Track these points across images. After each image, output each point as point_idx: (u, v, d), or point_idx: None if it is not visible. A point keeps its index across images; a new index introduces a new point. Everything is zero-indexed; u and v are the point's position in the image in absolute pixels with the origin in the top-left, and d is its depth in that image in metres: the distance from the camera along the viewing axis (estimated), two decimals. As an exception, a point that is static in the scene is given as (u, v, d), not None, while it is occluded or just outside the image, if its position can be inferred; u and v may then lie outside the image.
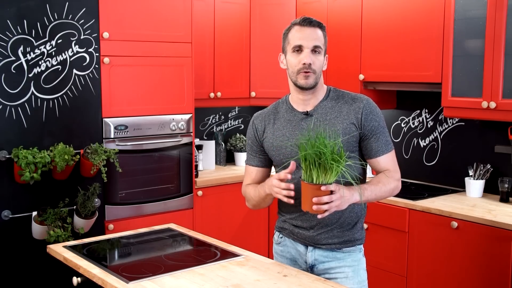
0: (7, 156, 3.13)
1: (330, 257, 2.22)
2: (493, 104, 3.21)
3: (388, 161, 2.20)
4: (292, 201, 2.03)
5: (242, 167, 4.42)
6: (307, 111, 2.21)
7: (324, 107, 2.20)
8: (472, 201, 3.44)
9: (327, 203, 1.93)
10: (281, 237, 2.34)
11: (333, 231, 2.20)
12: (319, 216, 1.97)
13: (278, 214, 2.36)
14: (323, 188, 1.91)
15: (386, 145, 2.19)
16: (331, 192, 1.93)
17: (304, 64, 2.12)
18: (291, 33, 2.18)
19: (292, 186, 2.00)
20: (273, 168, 2.36)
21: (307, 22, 2.15)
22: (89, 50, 3.39)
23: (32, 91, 3.20)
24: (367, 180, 2.29)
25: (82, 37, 3.36)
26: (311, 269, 2.25)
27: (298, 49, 2.14)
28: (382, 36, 3.83)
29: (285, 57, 2.21)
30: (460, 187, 3.77)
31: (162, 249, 2.51)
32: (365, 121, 2.16)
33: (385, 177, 2.17)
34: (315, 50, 2.14)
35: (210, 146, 4.41)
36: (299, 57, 2.14)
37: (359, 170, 2.23)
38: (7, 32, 3.10)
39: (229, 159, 4.72)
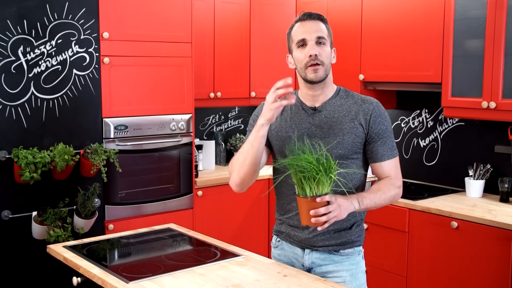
0: (7, 156, 3.13)
1: (328, 260, 2.20)
2: (493, 104, 3.21)
3: (391, 167, 2.18)
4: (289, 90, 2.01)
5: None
6: (315, 107, 2.18)
7: (333, 104, 2.18)
8: (472, 201, 3.44)
9: (324, 214, 1.91)
10: (279, 241, 2.33)
11: (329, 232, 2.17)
12: (319, 229, 1.94)
13: (276, 217, 2.34)
14: (318, 199, 1.89)
15: (391, 150, 2.19)
16: (328, 203, 1.92)
17: (311, 56, 2.09)
18: (294, 30, 2.17)
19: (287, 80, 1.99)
20: (271, 170, 2.34)
21: (307, 16, 2.16)
22: (89, 50, 3.39)
23: (32, 91, 3.20)
24: (367, 181, 2.28)
25: (82, 37, 3.36)
26: (308, 272, 2.21)
27: (303, 43, 2.12)
28: (382, 36, 3.83)
29: (292, 55, 2.19)
30: (460, 187, 3.77)
31: (162, 249, 2.51)
32: (373, 123, 2.14)
33: (386, 184, 2.15)
34: (319, 41, 2.11)
35: (210, 146, 4.41)
36: (305, 51, 2.11)
37: (361, 175, 2.20)
38: (7, 32, 3.10)
39: (229, 159, 4.66)
